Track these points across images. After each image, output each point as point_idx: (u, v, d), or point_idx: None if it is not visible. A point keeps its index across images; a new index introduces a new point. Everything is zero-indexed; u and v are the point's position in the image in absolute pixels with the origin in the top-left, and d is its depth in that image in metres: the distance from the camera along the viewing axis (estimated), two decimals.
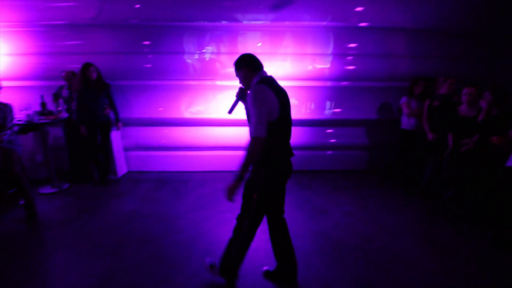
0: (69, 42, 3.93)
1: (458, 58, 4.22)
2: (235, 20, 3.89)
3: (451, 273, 2.16)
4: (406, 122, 3.72)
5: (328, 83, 4.20)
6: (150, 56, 3.99)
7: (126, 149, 4.28)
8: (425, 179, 3.48)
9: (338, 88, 4.22)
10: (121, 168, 4.17)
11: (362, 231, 2.75)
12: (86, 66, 3.43)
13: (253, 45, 4.00)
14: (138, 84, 4.09)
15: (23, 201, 2.91)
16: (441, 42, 4.15)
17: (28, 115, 3.33)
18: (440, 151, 3.32)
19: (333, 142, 4.38)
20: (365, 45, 4.07)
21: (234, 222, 2.08)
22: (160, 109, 4.12)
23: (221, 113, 3.87)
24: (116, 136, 4.04)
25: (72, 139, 3.81)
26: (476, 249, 2.48)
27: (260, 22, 3.91)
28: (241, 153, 4.55)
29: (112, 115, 3.77)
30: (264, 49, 4.01)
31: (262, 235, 2.19)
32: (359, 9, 3.94)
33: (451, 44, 4.17)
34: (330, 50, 4.07)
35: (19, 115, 3.31)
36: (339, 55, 4.10)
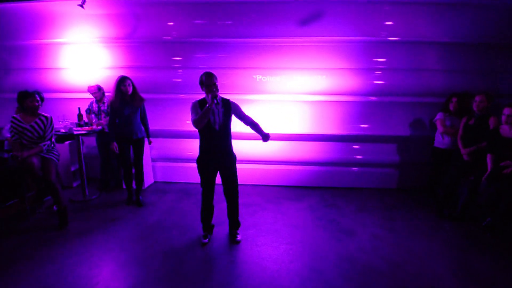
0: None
1: (496, 72, 3.96)
2: (264, 36, 3.96)
3: None
4: (440, 140, 3.52)
5: (357, 98, 4.11)
6: (180, 71, 4.16)
7: (153, 160, 4.43)
8: (461, 203, 3.23)
9: (367, 103, 4.12)
10: (148, 178, 4.31)
11: (390, 256, 2.59)
12: (122, 80, 3.25)
13: (282, 60, 4.04)
14: (168, 98, 4.26)
15: (57, 208, 3.08)
16: (478, 55, 3.94)
17: (66, 126, 3.57)
18: (477, 173, 3.09)
19: (361, 158, 4.24)
20: (395, 60, 3.98)
21: (257, 239, 2.42)
22: (188, 121, 4.24)
23: (246, 127, 3.90)
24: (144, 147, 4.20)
25: (104, 149, 4.00)
26: None
27: (289, 38, 3.96)
28: (263, 167, 4.53)
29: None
30: (292, 64, 4.04)
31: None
32: (388, 23, 3.87)
33: (489, 58, 3.94)
34: (359, 64, 4.01)
35: (56, 125, 3.56)
36: (368, 69, 4.03)
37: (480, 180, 3.05)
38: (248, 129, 2.70)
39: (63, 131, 3.54)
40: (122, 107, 3.29)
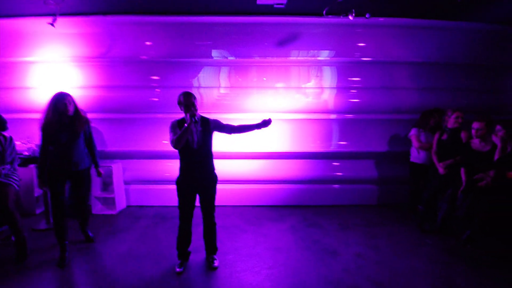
0: None
1: (466, 90, 4.21)
2: (243, 56, 4.00)
3: None
4: (416, 155, 3.60)
5: (334, 116, 4.18)
6: (157, 90, 4.06)
7: (126, 183, 4.19)
8: (440, 217, 3.26)
9: (344, 121, 4.19)
10: (121, 202, 4.04)
11: (375, 276, 2.50)
12: (61, 97, 2.53)
13: (259, 80, 4.07)
14: (144, 117, 4.12)
15: (15, 239, 2.76)
16: (445, 74, 4.17)
17: (30, 148, 3.31)
18: (454, 187, 3.14)
19: (341, 175, 4.24)
20: (369, 79, 4.12)
21: (236, 265, 2.39)
22: (164, 141, 4.09)
23: (226, 145, 3.82)
24: (117, 169, 3.98)
25: None
26: None
27: (267, 58, 4.01)
28: (243, 187, 4.41)
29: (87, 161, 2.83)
30: (270, 83, 4.08)
31: None
32: (361, 44, 4.04)
33: (457, 76, 4.19)
34: (335, 83, 4.11)
35: (20, 148, 3.30)
36: (344, 88, 4.13)
37: (457, 193, 3.10)
38: (229, 147, 2.62)
39: (27, 153, 3.28)
40: (59, 131, 2.54)
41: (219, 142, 2.87)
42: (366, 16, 3.35)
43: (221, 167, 2.96)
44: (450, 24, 3.96)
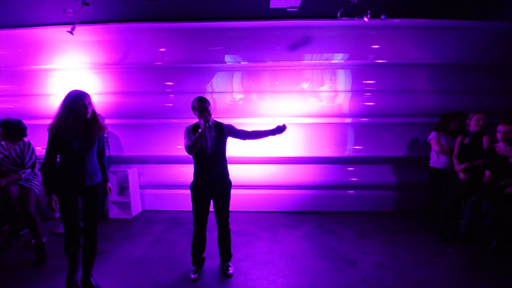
0: None
1: (488, 92, 4.02)
2: (256, 60, 3.99)
3: None
4: (436, 160, 3.47)
5: (349, 120, 4.11)
6: (172, 95, 4.11)
7: (142, 187, 4.24)
8: (464, 225, 3.11)
9: (359, 125, 4.11)
10: (136, 207, 4.09)
11: (393, 287, 2.40)
12: (81, 96, 2.12)
13: (272, 84, 4.05)
14: (159, 123, 4.17)
15: (34, 243, 2.83)
16: (465, 75, 4.01)
17: None
18: (478, 194, 3.00)
19: (357, 180, 4.13)
20: (384, 81, 4.02)
21: (251, 272, 2.37)
22: (178, 146, 4.12)
23: (240, 150, 3.81)
24: (133, 174, 4.03)
25: None
26: None
27: (281, 61, 3.99)
28: (257, 192, 4.36)
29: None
30: (284, 87, 4.04)
31: None
32: (375, 46, 3.95)
33: (477, 77, 4.02)
34: (350, 87, 4.04)
35: (40, 153, 3.38)
36: (359, 91, 4.05)
37: (482, 200, 2.96)
38: (243, 152, 2.59)
39: None
40: (72, 137, 2.10)
41: (234, 147, 2.86)
42: (381, 17, 3.28)
43: (235, 172, 2.99)
44: (467, 24, 3.80)
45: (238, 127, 2.53)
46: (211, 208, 2.50)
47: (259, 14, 3.70)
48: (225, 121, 2.56)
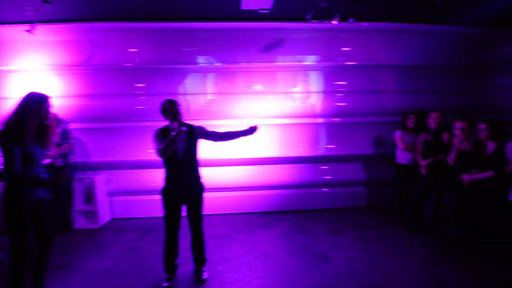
0: None
1: (447, 92, 4.32)
2: (229, 61, 3.97)
3: None
4: (401, 157, 3.65)
5: (321, 120, 4.21)
6: (142, 97, 3.97)
7: (111, 194, 4.04)
8: (428, 217, 3.29)
9: (331, 125, 4.22)
10: (104, 215, 3.88)
11: (367, 279, 2.49)
12: (43, 99, 2.01)
13: (245, 85, 4.05)
14: (129, 126, 4.00)
15: None
16: (429, 76, 4.28)
17: None
18: (440, 187, 3.19)
19: (330, 178, 4.24)
20: (355, 82, 4.17)
21: (226, 276, 2.35)
22: (149, 150, 3.98)
23: (214, 152, 3.76)
24: (100, 181, 3.83)
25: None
26: None
27: (254, 63, 4.00)
28: (232, 195, 4.31)
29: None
30: (257, 89, 4.06)
31: None
32: (345, 49, 4.10)
33: (440, 78, 4.31)
34: (322, 88, 4.15)
35: None
36: (331, 92, 4.17)
37: (444, 193, 3.14)
38: (217, 154, 2.56)
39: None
40: (34, 146, 1.94)
41: (207, 149, 2.81)
42: (350, 21, 3.41)
43: (209, 174, 2.95)
44: (431, 28, 4.07)
45: (211, 129, 2.50)
46: (184, 213, 2.44)
47: (231, 15, 3.70)
48: (198, 123, 2.52)
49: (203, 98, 4.03)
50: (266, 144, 4.09)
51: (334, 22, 3.57)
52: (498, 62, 4.48)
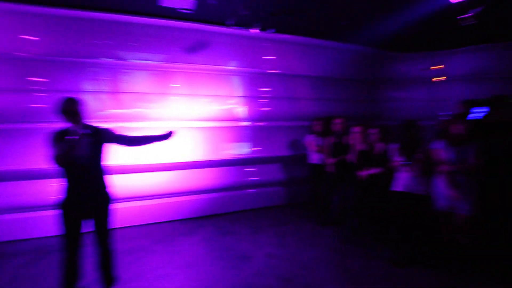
0: None
1: (351, 101, 5.05)
2: (145, 59, 3.72)
3: None
4: (313, 158, 4.05)
5: (244, 123, 4.34)
6: (40, 94, 3.33)
7: None
8: (335, 210, 3.76)
9: (254, 128, 4.40)
10: None
11: (283, 273, 2.68)
12: None
13: (165, 86, 3.85)
14: (19, 128, 3.31)
15: None
16: (337, 87, 4.94)
17: None
18: (345, 183, 3.67)
19: (254, 180, 4.41)
20: (277, 89, 4.48)
21: None
22: (46, 157, 3.36)
23: (126, 158, 3.42)
24: None
25: None
26: (385, 271, 2.70)
27: (173, 63, 3.85)
28: (151, 203, 4.01)
29: None
30: (180, 90, 3.93)
31: None
32: (268, 57, 4.34)
33: (345, 89, 5.01)
34: (246, 92, 4.30)
35: None
36: (253, 97, 4.35)
37: (347, 187, 3.63)
38: (131, 160, 2.31)
39: None
40: None
41: (121, 155, 2.54)
42: (270, 31, 3.62)
43: (122, 183, 2.68)
44: (338, 45, 4.69)
45: (122, 132, 2.27)
46: (89, 228, 2.14)
47: (152, 10, 3.49)
48: (110, 125, 2.25)
49: (116, 97, 3.64)
50: (190, 147, 3.97)
51: (254, 30, 3.74)
52: (387, 77, 5.47)
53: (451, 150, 2.63)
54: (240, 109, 4.26)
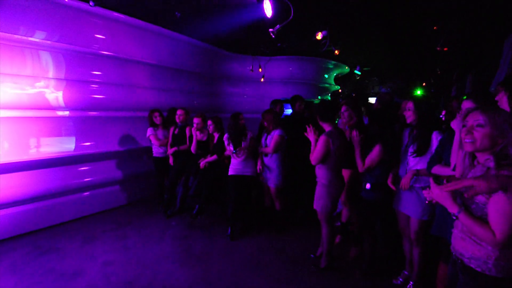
0: None
1: (193, 93, 5.19)
2: None
3: (203, 281, 2.47)
4: (157, 151, 3.95)
5: (66, 113, 3.55)
6: None
7: None
8: (179, 199, 3.88)
9: (80, 119, 3.66)
10: None
11: (123, 277, 2.51)
12: None
13: None
14: None
15: None
16: (178, 78, 4.90)
17: None
18: (188, 172, 3.83)
19: (86, 181, 3.72)
20: (111, 74, 3.88)
21: None
22: None
23: None
24: None
25: None
26: (224, 245, 3.07)
27: None
28: None
29: None
30: None
31: None
32: (100, 36, 3.66)
33: (187, 81, 5.06)
34: (71, 75, 3.48)
35: None
36: (79, 81, 3.59)
37: (189, 177, 3.82)
38: None
39: None
40: None
41: None
42: (90, 4, 3.08)
43: None
44: (178, 36, 4.57)
45: None
46: None
47: None
48: None
49: None
50: None
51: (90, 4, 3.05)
52: (226, 74, 6.04)
53: (264, 137, 3.33)
54: (58, 94, 3.40)
